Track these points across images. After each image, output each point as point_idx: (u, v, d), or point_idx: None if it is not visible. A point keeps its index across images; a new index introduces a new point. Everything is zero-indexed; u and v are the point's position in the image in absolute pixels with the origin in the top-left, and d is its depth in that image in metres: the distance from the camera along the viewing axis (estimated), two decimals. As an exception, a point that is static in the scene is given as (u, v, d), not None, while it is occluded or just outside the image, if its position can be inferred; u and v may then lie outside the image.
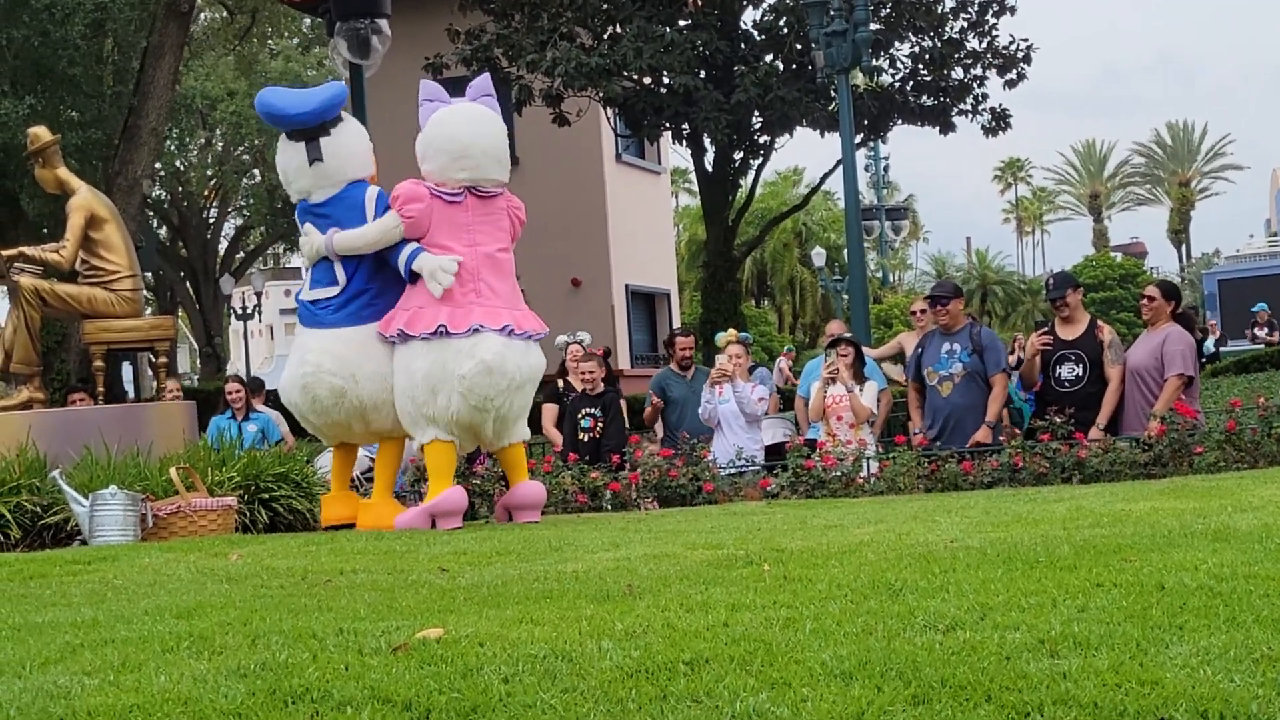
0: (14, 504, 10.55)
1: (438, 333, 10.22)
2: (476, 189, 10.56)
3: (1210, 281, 48.09)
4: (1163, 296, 12.57)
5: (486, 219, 10.59)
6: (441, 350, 10.23)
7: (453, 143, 10.50)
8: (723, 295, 30.07)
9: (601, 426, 14.63)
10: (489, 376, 10.17)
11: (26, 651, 4.96)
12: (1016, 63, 28.56)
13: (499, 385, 10.23)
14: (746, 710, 3.67)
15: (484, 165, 10.59)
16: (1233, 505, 7.75)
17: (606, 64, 25.76)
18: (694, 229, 66.14)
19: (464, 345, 10.20)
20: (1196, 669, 3.83)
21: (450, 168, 10.50)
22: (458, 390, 10.17)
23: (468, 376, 10.14)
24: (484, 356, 10.16)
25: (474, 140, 10.55)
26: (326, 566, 7.59)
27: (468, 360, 10.16)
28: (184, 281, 53.66)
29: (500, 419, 10.45)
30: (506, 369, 10.25)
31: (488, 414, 10.32)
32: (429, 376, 10.25)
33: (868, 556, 6.46)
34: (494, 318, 10.34)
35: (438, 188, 10.50)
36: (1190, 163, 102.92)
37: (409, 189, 10.53)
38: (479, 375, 10.15)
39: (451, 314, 10.26)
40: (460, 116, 10.64)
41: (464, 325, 10.22)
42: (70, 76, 28.07)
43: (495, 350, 10.19)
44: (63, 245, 12.60)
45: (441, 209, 10.45)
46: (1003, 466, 11.59)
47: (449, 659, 4.39)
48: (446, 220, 10.46)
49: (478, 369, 10.15)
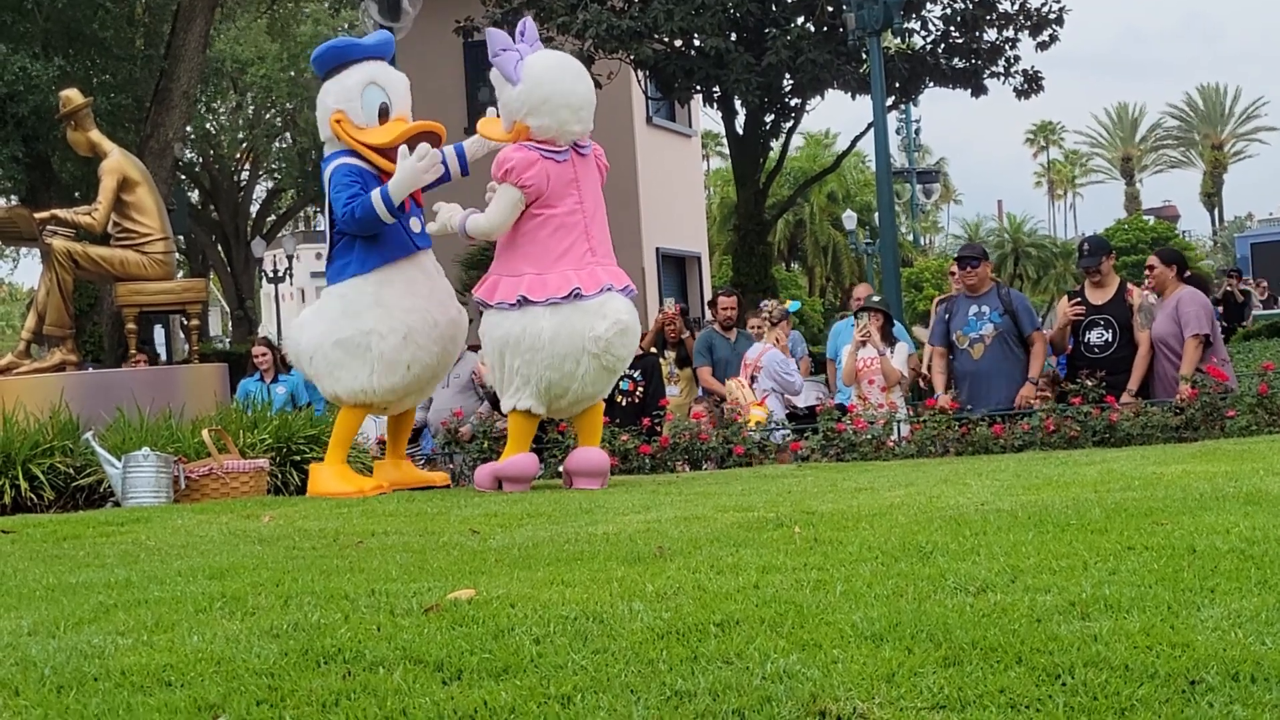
0: (47, 466, 10.60)
1: (571, 295, 9.83)
2: (579, 145, 10.23)
3: (1243, 244, 47.83)
4: (1163, 264, 12.52)
5: (587, 173, 10.26)
6: (570, 314, 9.84)
7: (573, 96, 10.13)
8: (754, 258, 29.99)
9: (642, 390, 14.62)
10: (624, 336, 9.89)
11: (60, 612, 4.99)
12: (1049, 24, 28.32)
13: (630, 345, 10.03)
14: (777, 671, 3.67)
15: (589, 117, 10.32)
16: (1265, 468, 7.72)
17: (637, 26, 25.64)
18: (725, 192, 65.96)
19: (593, 306, 9.83)
20: (1228, 631, 3.83)
21: (570, 121, 10.08)
22: (591, 351, 9.80)
23: (604, 337, 9.78)
24: (619, 316, 9.84)
25: (584, 92, 10.28)
26: (358, 528, 7.61)
27: (600, 321, 9.79)
28: (215, 244, 53.74)
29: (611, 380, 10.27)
30: (635, 327, 10.05)
31: (615, 374, 10.19)
32: (555, 341, 9.82)
33: (898, 519, 6.46)
34: (618, 277, 10.07)
35: (543, 146, 10.02)
36: (1223, 125, 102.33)
37: (521, 157, 9.96)
38: (616, 335, 9.82)
39: (579, 276, 9.89)
40: (570, 69, 10.34)
41: (595, 286, 9.87)
42: (101, 39, 28.11)
43: (626, 309, 9.92)
44: (95, 208, 12.63)
45: (553, 169, 10.00)
46: (1034, 430, 11.57)
47: (480, 620, 4.40)
48: (557, 179, 10.02)
49: (614, 329, 9.80)
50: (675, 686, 3.61)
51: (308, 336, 10.70)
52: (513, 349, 10.00)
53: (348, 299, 10.51)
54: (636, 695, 3.58)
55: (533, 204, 10.00)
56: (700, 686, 3.59)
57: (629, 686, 3.65)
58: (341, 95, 10.61)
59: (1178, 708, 3.32)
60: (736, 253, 31.06)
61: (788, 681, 3.59)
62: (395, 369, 10.39)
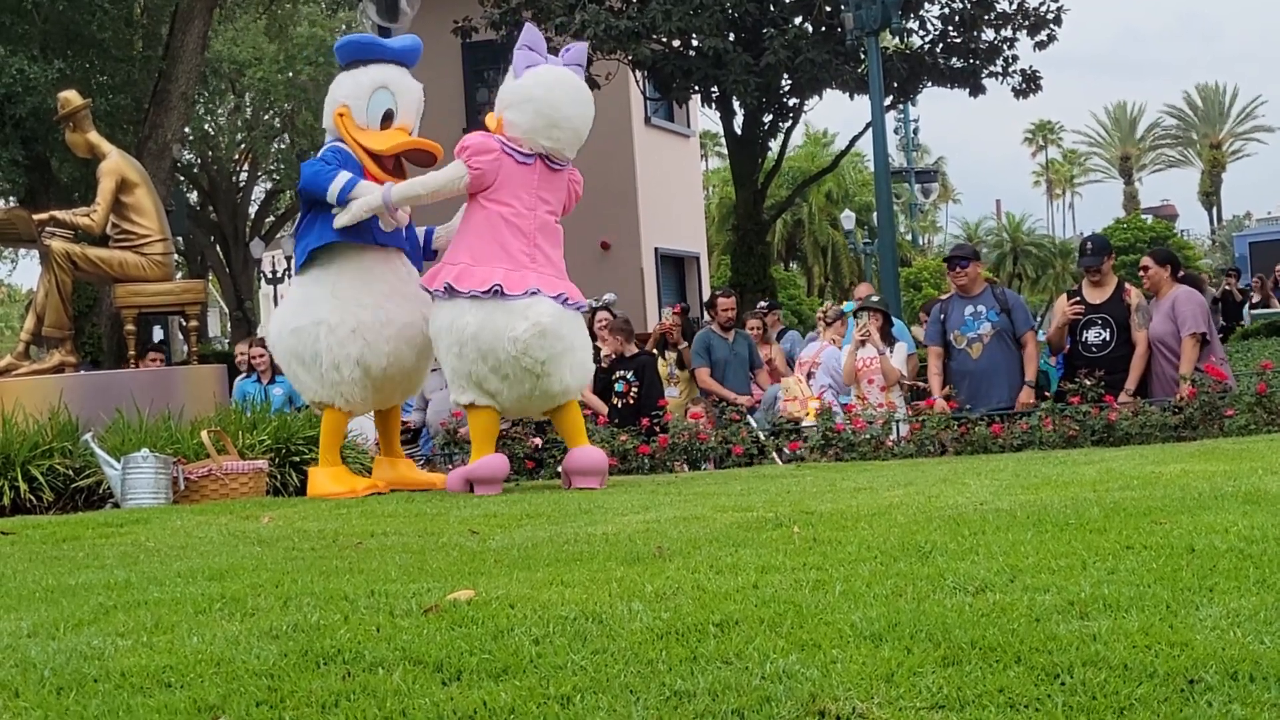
0: (46, 467, 10.60)
1: (491, 292, 9.88)
2: (551, 159, 10.22)
3: (1241, 244, 47.82)
4: (1158, 264, 12.54)
5: (551, 187, 10.25)
6: (493, 310, 9.87)
7: (555, 111, 10.15)
8: (752, 258, 30.00)
9: (637, 391, 14.62)
10: (542, 339, 9.83)
11: (60, 613, 5.00)
12: (1046, 23, 28.34)
13: (553, 349, 9.89)
14: (776, 671, 3.68)
15: (569, 142, 10.29)
16: (1263, 467, 7.73)
17: (635, 26, 25.65)
18: (724, 191, 65.91)
19: (518, 306, 9.85)
20: (1226, 631, 3.83)
21: (542, 130, 10.11)
22: (510, 351, 9.82)
23: (521, 338, 9.79)
24: (539, 319, 9.83)
25: (572, 116, 10.25)
26: (357, 529, 7.61)
27: (521, 321, 9.81)
28: (214, 245, 53.69)
29: (552, 382, 10.09)
30: (561, 331, 9.94)
31: (540, 377, 9.99)
32: (478, 337, 9.89)
33: (897, 519, 6.47)
34: (550, 285, 10.03)
35: (510, 143, 10.11)
36: (1221, 125, 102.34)
37: (479, 141, 10.14)
38: (534, 338, 9.81)
39: (507, 275, 9.92)
40: (568, 87, 10.32)
41: (520, 288, 9.90)
42: (99, 41, 28.11)
43: (550, 313, 9.88)
44: (93, 209, 12.62)
45: (511, 166, 10.07)
46: (1033, 429, 11.57)
47: (480, 621, 4.41)
48: (512, 178, 10.09)
49: (531, 330, 9.81)
50: (674, 687, 3.61)
51: (274, 325, 10.88)
52: (445, 341, 10.10)
53: (307, 289, 10.59)
54: (636, 695, 3.58)
55: (485, 195, 10.12)
56: (699, 686, 3.60)
57: (628, 687, 3.65)
58: (352, 91, 10.67)
59: (1176, 707, 3.33)
60: (735, 253, 31.07)
61: (787, 681, 3.60)
62: (343, 365, 10.36)
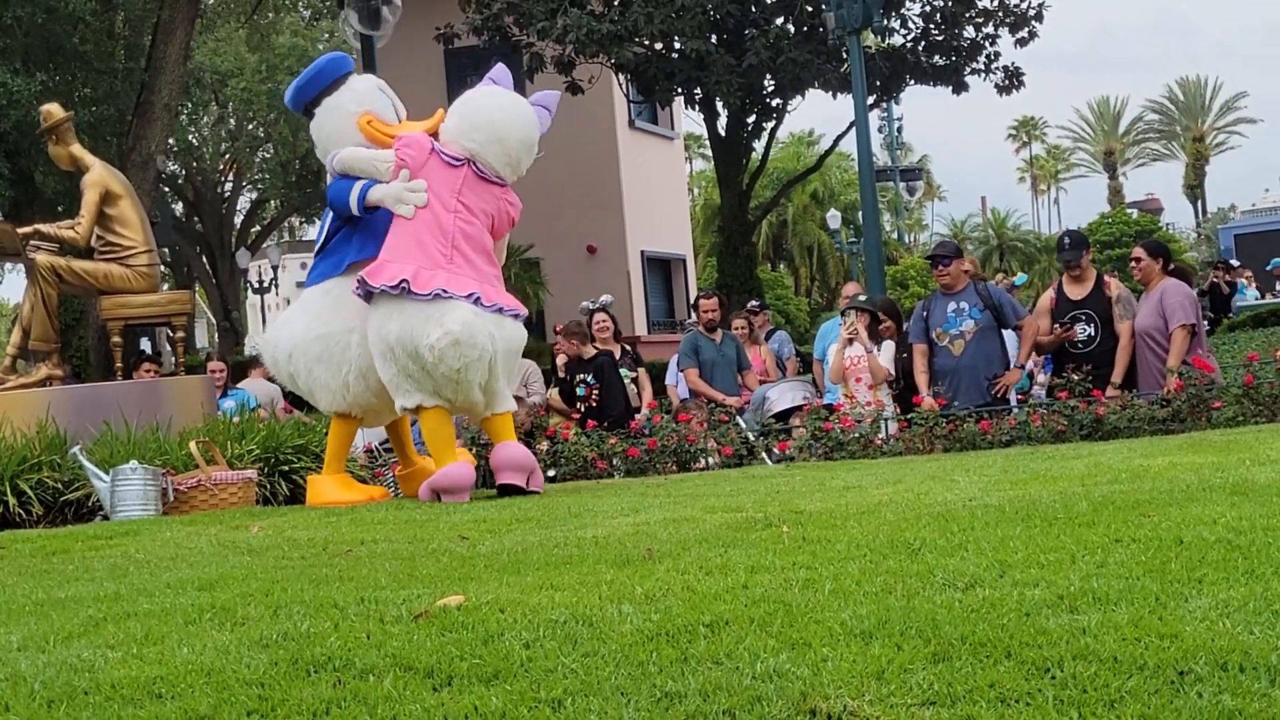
0: (35, 481, 10.59)
1: (399, 288, 9.74)
2: (475, 163, 10.14)
3: (1226, 236, 47.96)
4: (1149, 256, 12.56)
5: (476, 194, 10.15)
6: (410, 314, 9.76)
7: (477, 114, 10.23)
8: (738, 259, 30.05)
9: (598, 393, 14.64)
10: (456, 348, 9.66)
11: (50, 626, 4.99)
12: (1028, 21, 28.41)
13: (469, 356, 9.71)
14: (767, 671, 3.68)
15: (503, 156, 10.21)
16: (1251, 459, 7.74)
17: (617, 30, 25.68)
18: (709, 193, 65.99)
19: (431, 311, 9.72)
20: (1216, 622, 3.83)
21: (466, 134, 10.14)
22: (428, 359, 9.69)
23: (436, 346, 9.66)
24: (450, 327, 9.66)
25: (495, 122, 10.21)
26: (347, 537, 7.61)
27: (436, 329, 9.68)
28: (200, 256, 53.70)
29: (483, 389, 9.99)
30: (477, 339, 9.72)
31: (461, 385, 9.85)
32: (402, 340, 9.79)
33: (886, 516, 6.47)
34: (459, 284, 9.86)
35: (442, 146, 10.16)
36: (1204, 118, 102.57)
37: (412, 136, 10.19)
38: (447, 346, 9.65)
39: (417, 273, 9.80)
40: (507, 106, 10.35)
41: (427, 287, 9.76)
42: (81, 53, 28.08)
43: (462, 320, 9.70)
44: (78, 222, 12.61)
45: (437, 166, 10.08)
46: (1021, 425, 11.59)
47: (470, 626, 4.40)
48: (437, 177, 10.07)
49: (445, 340, 9.65)
50: (665, 688, 3.61)
51: (288, 333, 10.68)
52: (377, 349, 10.02)
53: (333, 294, 10.46)
54: (627, 697, 3.58)
55: None
56: (690, 687, 3.60)
57: (619, 689, 3.65)
58: (362, 99, 10.54)
59: (1167, 699, 3.33)
60: (721, 254, 31.12)
61: (778, 681, 3.60)
62: (369, 374, 10.26)
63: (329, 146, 10.55)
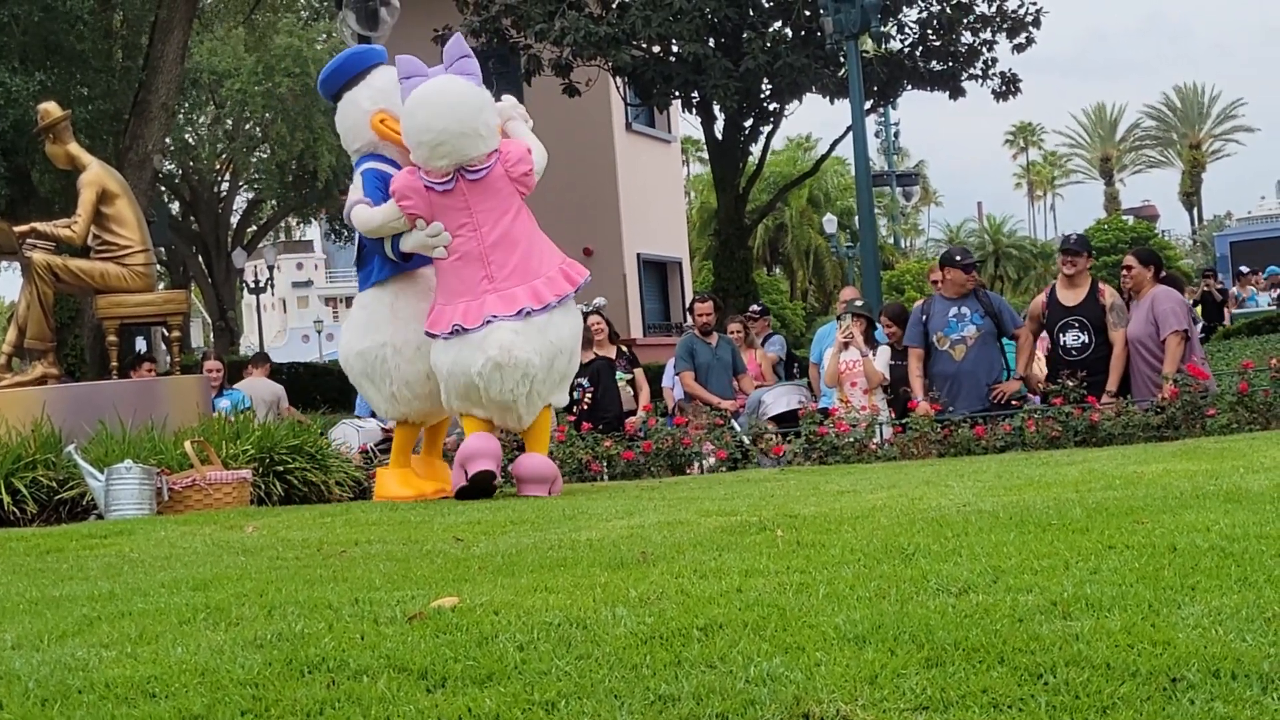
0: (30, 479, 10.58)
1: (454, 332, 9.98)
2: (465, 171, 10.07)
3: (1222, 243, 48.04)
4: (1140, 264, 12.53)
5: (483, 197, 10.10)
6: (460, 347, 9.97)
7: (427, 133, 10.01)
8: (734, 263, 30.07)
9: (592, 396, 14.64)
10: (499, 372, 9.85)
11: (44, 625, 4.99)
12: (1025, 26, 28.45)
13: (513, 377, 9.88)
14: (760, 675, 3.68)
15: (461, 147, 10.03)
16: (1245, 466, 7.76)
17: (615, 33, 25.70)
18: (705, 197, 65.92)
19: (476, 339, 9.90)
20: (1208, 629, 3.84)
21: (431, 158, 10.03)
22: (478, 386, 9.91)
23: (482, 374, 9.86)
24: (491, 353, 9.83)
25: (445, 126, 9.99)
26: (341, 538, 7.61)
27: (480, 356, 9.84)
28: (196, 256, 53.60)
29: (530, 403, 10.14)
30: (518, 360, 9.86)
31: (511, 410, 10.09)
32: (452, 375, 10.04)
33: (880, 521, 6.47)
34: (509, 303, 9.98)
35: (429, 178, 10.08)
36: (1201, 125, 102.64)
37: (403, 182, 10.16)
38: (491, 372, 9.84)
39: (466, 309, 9.98)
40: (428, 102, 10.09)
41: (477, 320, 9.94)
42: (79, 52, 28.02)
43: (503, 344, 9.84)
44: (74, 221, 12.60)
45: (437, 199, 10.07)
46: (1016, 430, 11.59)
47: (464, 627, 4.41)
48: (443, 208, 10.07)
49: (488, 366, 9.84)
50: (659, 691, 3.62)
51: (341, 346, 11.03)
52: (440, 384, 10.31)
53: (369, 309, 10.70)
54: (620, 700, 3.58)
55: None
56: (684, 691, 3.60)
57: (613, 692, 3.65)
58: (378, 97, 10.57)
59: (1159, 705, 3.33)
60: (717, 258, 31.14)
61: (771, 684, 3.60)
62: (413, 382, 10.49)
63: (347, 140, 10.87)
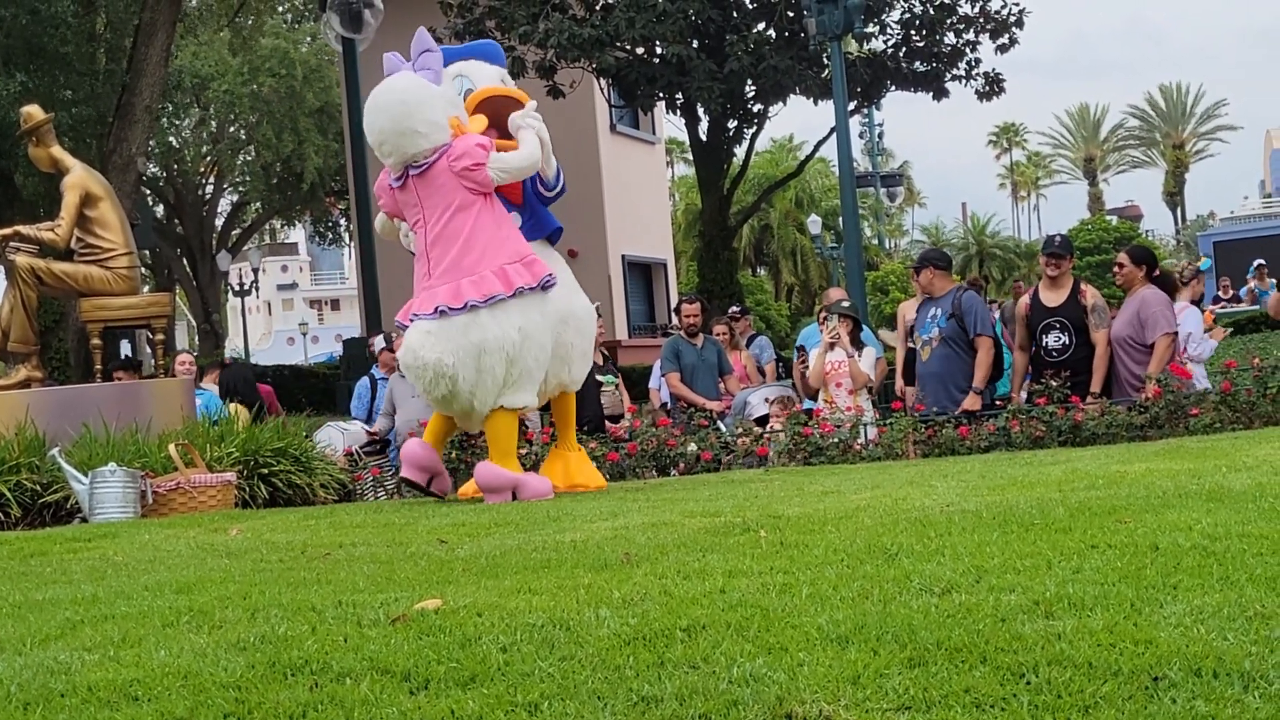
0: (14, 482, 10.58)
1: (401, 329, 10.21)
2: (410, 167, 10.03)
3: (1205, 243, 48.06)
4: (1133, 262, 12.52)
5: (429, 192, 10.03)
6: None
7: (370, 133, 10.12)
8: (719, 264, 30.06)
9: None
10: (410, 373, 9.94)
11: (27, 628, 4.98)
12: (1008, 27, 28.43)
13: (425, 377, 9.79)
14: (744, 675, 3.68)
15: (401, 145, 9.98)
16: (1227, 465, 7.77)
17: (599, 34, 25.70)
18: (690, 198, 65.93)
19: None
20: (1190, 628, 3.85)
21: (381, 156, 10.16)
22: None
23: (407, 372, 10.07)
24: (400, 354, 10.05)
25: (382, 126, 10.01)
26: (325, 540, 7.60)
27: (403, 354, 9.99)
28: (181, 258, 53.59)
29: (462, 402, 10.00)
30: (425, 361, 9.72)
31: (448, 403, 10.02)
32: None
33: (864, 521, 6.48)
34: (429, 301, 9.91)
35: (390, 176, 10.22)
36: (1184, 125, 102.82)
37: (377, 182, 10.45)
38: (409, 371, 9.97)
39: (408, 306, 10.10)
40: (371, 103, 10.16)
41: (405, 316, 10.08)
42: (62, 55, 27.97)
43: (409, 344, 9.83)
44: (58, 224, 12.59)
45: (400, 195, 10.18)
46: (1000, 431, 11.60)
47: (447, 629, 4.41)
48: (404, 204, 10.19)
49: (403, 365, 10.05)
50: (642, 692, 3.62)
51: None
52: None
53: None
54: (603, 701, 3.59)
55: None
56: (667, 692, 3.60)
57: (596, 693, 3.65)
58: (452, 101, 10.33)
59: (1141, 704, 3.34)
60: (702, 259, 31.12)
61: (754, 685, 3.61)
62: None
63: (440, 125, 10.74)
